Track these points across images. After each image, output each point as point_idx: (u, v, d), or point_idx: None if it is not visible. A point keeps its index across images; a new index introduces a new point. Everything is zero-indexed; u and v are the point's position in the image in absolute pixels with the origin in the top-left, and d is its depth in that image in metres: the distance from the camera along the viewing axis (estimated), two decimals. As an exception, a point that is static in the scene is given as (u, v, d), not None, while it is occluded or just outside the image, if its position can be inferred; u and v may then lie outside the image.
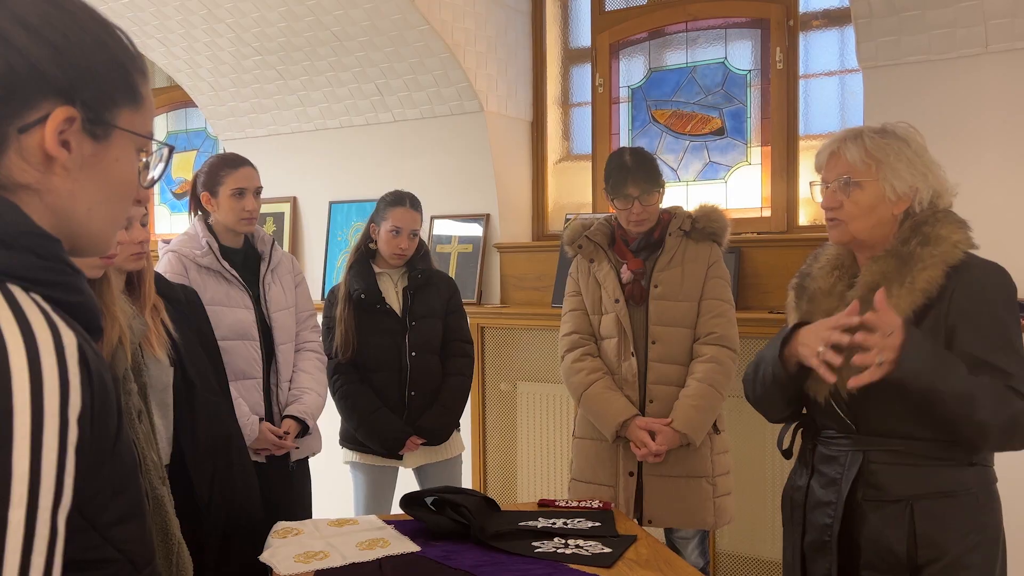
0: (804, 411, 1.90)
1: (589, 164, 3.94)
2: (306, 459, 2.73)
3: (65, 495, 0.69)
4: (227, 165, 2.58)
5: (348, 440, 2.89)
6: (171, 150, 0.88)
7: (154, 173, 0.87)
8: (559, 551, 1.90)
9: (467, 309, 3.02)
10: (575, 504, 2.28)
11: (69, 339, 0.71)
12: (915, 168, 1.72)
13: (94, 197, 0.81)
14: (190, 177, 4.91)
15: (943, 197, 1.74)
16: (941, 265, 1.66)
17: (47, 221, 0.78)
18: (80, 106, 0.77)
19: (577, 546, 1.93)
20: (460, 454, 2.98)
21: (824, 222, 1.84)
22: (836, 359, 1.64)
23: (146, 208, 1.88)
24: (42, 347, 0.69)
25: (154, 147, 0.86)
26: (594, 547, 1.93)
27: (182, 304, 2.08)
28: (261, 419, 2.54)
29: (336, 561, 1.84)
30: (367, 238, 2.89)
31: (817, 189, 1.84)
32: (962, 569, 1.65)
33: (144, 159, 0.85)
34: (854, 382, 1.63)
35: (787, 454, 1.89)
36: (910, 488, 1.68)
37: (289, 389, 2.64)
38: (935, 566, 1.66)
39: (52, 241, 0.76)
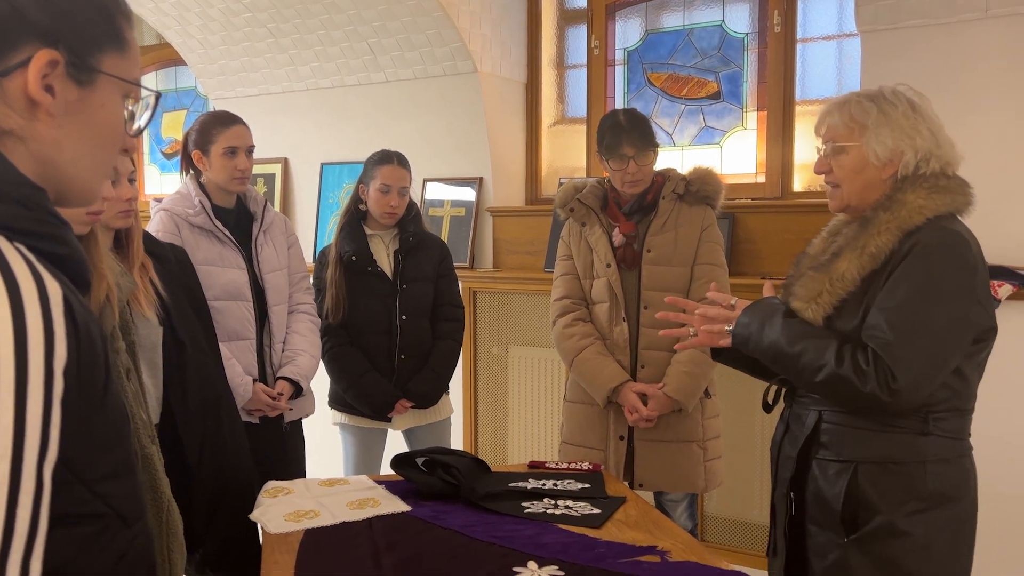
0: None
1: (584, 127, 3.91)
2: (299, 420, 2.73)
3: (51, 448, 0.68)
4: (219, 123, 2.55)
5: (337, 402, 2.89)
6: (158, 97, 0.86)
7: (140, 121, 0.85)
8: (548, 512, 1.91)
9: (459, 273, 3.01)
10: (565, 466, 2.29)
11: (54, 289, 0.70)
12: (900, 131, 1.70)
13: (79, 145, 0.79)
14: (180, 137, 4.87)
15: (939, 159, 1.70)
16: (896, 231, 1.65)
17: (32, 170, 0.76)
18: (63, 49, 0.75)
19: (567, 507, 1.94)
20: (449, 416, 2.99)
21: (819, 188, 1.84)
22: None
23: (134, 164, 1.85)
24: (26, 297, 0.67)
25: (141, 94, 0.84)
26: (583, 508, 1.94)
27: (171, 263, 2.06)
28: (255, 380, 2.54)
29: (326, 520, 1.85)
30: (356, 199, 2.86)
31: None
32: (896, 535, 1.65)
33: (130, 106, 0.83)
34: (689, 343, 1.92)
35: (767, 408, 1.95)
36: (857, 451, 1.70)
37: (283, 351, 2.64)
38: (867, 528, 1.68)
39: (37, 191, 0.74)
